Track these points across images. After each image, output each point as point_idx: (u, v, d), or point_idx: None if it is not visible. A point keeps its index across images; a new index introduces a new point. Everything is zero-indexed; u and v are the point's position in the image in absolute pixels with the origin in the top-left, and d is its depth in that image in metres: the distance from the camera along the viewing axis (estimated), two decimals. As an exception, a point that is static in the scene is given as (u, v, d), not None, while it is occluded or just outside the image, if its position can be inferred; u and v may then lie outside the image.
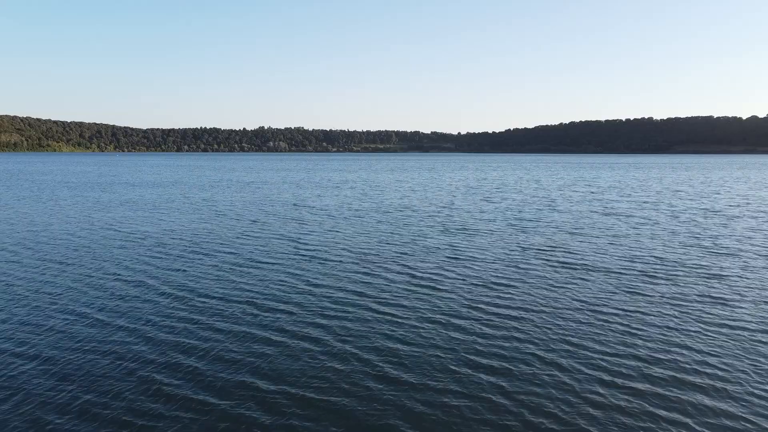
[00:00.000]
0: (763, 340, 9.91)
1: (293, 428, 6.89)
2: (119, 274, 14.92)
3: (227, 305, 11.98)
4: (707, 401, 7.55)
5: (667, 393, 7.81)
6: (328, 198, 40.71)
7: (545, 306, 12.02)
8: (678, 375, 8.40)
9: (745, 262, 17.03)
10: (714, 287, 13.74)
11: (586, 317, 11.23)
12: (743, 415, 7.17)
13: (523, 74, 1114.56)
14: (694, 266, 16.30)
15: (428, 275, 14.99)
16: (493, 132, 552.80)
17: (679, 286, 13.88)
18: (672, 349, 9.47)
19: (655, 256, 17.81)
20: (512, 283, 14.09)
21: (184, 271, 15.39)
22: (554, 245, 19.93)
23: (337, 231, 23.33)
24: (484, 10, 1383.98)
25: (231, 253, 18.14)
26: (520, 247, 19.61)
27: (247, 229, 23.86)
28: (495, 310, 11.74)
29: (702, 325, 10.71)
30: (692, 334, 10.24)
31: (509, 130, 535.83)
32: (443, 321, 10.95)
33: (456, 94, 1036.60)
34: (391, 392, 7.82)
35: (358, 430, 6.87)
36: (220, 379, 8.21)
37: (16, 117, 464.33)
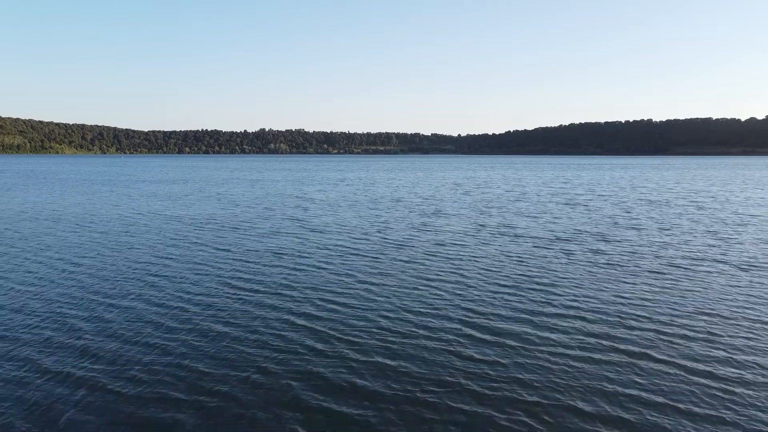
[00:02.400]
0: (629, 276, 15.70)
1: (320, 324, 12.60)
2: (181, 239, 20.75)
3: (259, 261, 17.79)
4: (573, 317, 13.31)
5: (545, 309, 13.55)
6: (328, 192, 46.58)
7: (480, 256, 17.77)
8: (558, 296, 14.16)
9: (645, 234, 22.75)
10: (601, 248, 19.52)
11: (504, 262, 17.01)
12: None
13: (524, 76, 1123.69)
14: (598, 234, 22.04)
15: (400, 239, 20.77)
16: (494, 134, 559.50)
17: (580, 244, 19.64)
18: (554, 278, 15.26)
19: (576, 229, 23.54)
20: (460, 244, 19.83)
21: (225, 238, 21.19)
22: (505, 223, 25.69)
23: (335, 214, 29.11)
24: (486, 12, 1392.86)
25: (254, 228, 23.91)
26: (477, 224, 25.34)
27: (263, 213, 29.66)
28: (443, 256, 17.53)
29: (581, 267, 16.51)
30: (573, 271, 16.02)
31: (509, 131, 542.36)
32: (405, 264, 16.71)
33: (457, 96, 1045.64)
34: (368, 305, 13.56)
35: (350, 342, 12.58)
36: (253, 305, 13.96)
37: (18, 119, 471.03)
